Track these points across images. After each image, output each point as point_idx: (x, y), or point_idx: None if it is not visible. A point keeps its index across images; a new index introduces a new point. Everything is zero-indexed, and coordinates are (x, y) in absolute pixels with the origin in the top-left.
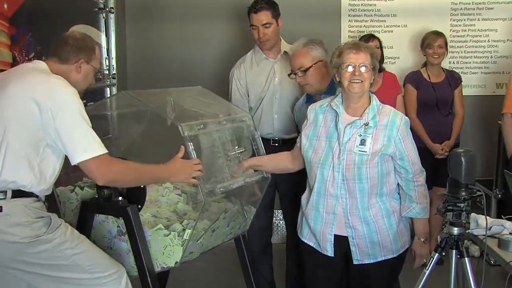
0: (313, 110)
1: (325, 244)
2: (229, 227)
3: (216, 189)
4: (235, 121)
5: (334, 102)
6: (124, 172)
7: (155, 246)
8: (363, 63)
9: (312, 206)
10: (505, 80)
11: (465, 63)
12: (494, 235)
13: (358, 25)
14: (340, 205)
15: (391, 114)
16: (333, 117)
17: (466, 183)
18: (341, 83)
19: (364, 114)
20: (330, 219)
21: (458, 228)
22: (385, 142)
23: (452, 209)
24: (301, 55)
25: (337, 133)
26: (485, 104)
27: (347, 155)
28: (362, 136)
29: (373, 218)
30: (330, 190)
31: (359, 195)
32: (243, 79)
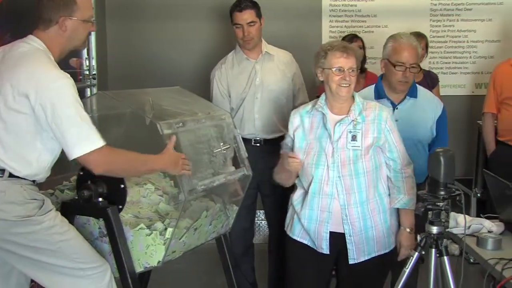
0: (297, 114)
1: (320, 242)
2: (212, 226)
3: (197, 186)
4: (214, 119)
5: (318, 104)
6: (121, 162)
7: (138, 246)
8: (352, 67)
9: (306, 205)
10: (484, 80)
11: (444, 63)
12: (473, 234)
13: (339, 26)
14: (336, 203)
15: (377, 108)
16: (320, 118)
17: (445, 182)
18: (326, 84)
19: (350, 111)
20: (325, 218)
21: (437, 227)
22: (375, 135)
23: (431, 208)
24: (415, 50)
25: (327, 133)
26: (465, 104)
27: (341, 152)
28: (352, 132)
29: (370, 213)
30: (325, 189)
31: (357, 190)
32: (224, 79)
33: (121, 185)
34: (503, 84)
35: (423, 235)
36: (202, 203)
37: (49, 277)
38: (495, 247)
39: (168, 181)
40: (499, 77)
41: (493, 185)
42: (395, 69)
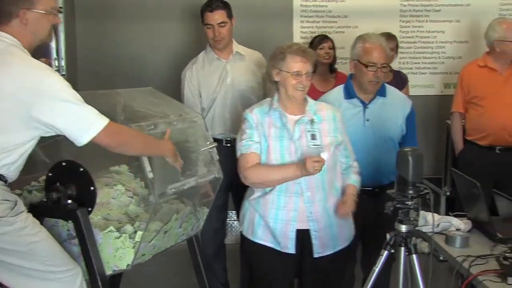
0: (254, 113)
1: (286, 242)
2: (182, 228)
3: (167, 190)
4: (186, 121)
5: (274, 103)
6: (133, 136)
7: (107, 249)
8: (309, 71)
9: (272, 205)
10: (453, 80)
11: (414, 63)
12: (442, 232)
13: (310, 26)
14: (301, 201)
15: (329, 109)
16: (278, 118)
17: (414, 181)
18: (281, 86)
19: (305, 111)
20: (292, 216)
21: (406, 226)
22: (333, 134)
23: (400, 207)
24: (384, 51)
25: (287, 133)
26: (434, 103)
27: (303, 151)
28: (311, 132)
29: (330, 209)
30: (291, 188)
31: (320, 187)
32: (195, 79)
33: (90, 187)
34: (470, 84)
35: (392, 233)
36: (173, 206)
37: (18, 280)
38: (462, 245)
39: (138, 182)
40: (466, 77)
41: (461, 183)
42: (366, 69)
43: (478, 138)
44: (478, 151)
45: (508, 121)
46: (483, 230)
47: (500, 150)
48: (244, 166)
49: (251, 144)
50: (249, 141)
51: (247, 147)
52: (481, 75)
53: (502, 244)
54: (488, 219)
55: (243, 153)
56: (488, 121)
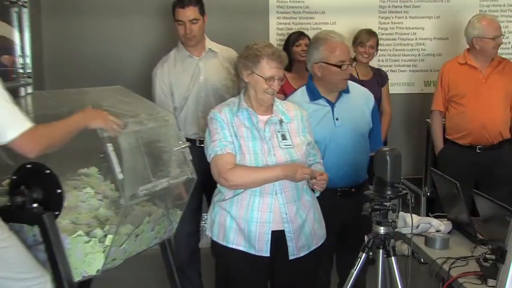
0: (223, 112)
1: (261, 245)
2: (154, 232)
3: (139, 191)
4: (158, 121)
5: (242, 103)
6: (50, 131)
7: (75, 254)
8: (281, 76)
9: (247, 207)
10: (433, 78)
11: (393, 61)
12: (421, 233)
13: (286, 22)
14: (276, 201)
15: (296, 108)
16: (246, 117)
17: (392, 181)
18: (251, 87)
19: (274, 111)
20: (267, 218)
21: (384, 228)
22: (301, 133)
23: (378, 208)
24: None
25: (257, 132)
26: (414, 102)
27: (276, 151)
28: (281, 132)
29: (304, 209)
30: (266, 188)
31: (294, 187)
32: (167, 78)
33: (57, 190)
34: (450, 82)
35: (370, 235)
36: (144, 208)
37: None
38: (442, 246)
39: (108, 184)
40: (446, 74)
41: (441, 184)
42: (339, 69)
43: (458, 137)
44: (458, 150)
45: (488, 120)
46: (464, 231)
47: (480, 150)
48: (224, 168)
49: (226, 144)
50: (223, 141)
51: (222, 148)
52: (461, 72)
53: (482, 246)
54: (468, 220)
55: (218, 155)
56: (468, 120)
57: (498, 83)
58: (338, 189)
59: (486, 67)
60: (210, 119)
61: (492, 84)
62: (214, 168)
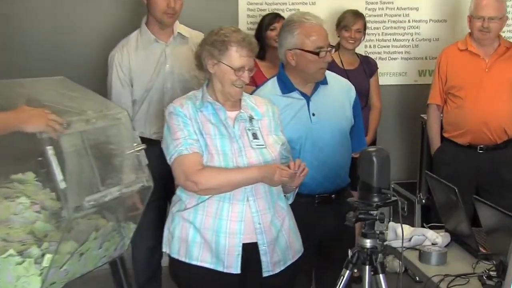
0: (186, 107)
1: (230, 260)
2: (102, 249)
3: (85, 202)
4: (108, 119)
5: (207, 96)
6: None
7: (5, 278)
8: (252, 66)
9: (214, 215)
10: (429, 67)
11: (383, 47)
12: (414, 247)
13: (258, 2)
14: (248, 209)
15: (266, 103)
16: (211, 113)
17: (379, 187)
18: (216, 79)
19: (242, 107)
20: (237, 229)
21: (371, 240)
22: (274, 132)
23: (363, 218)
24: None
25: (225, 130)
26: (407, 94)
27: (247, 152)
28: (251, 130)
29: (279, 217)
30: (236, 194)
31: (268, 193)
32: (126, 65)
33: None
34: (448, 70)
35: (355, 249)
36: (91, 221)
37: None
38: (439, 262)
39: (48, 193)
40: (444, 62)
41: (437, 189)
42: (318, 56)
43: (456, 136)
44: (457, 150)
45: (490, 115)
46: (464, 244)
47: (482, 150)
48: (192, 169)
49: (191, 142)
50: (188, 140)
51: (188, 147)
52: (461, 60)
53: (485, 261)
54: (469, 231)
55: (183, 155)
56: (467, 116)
57: (504, 72)
58: (316, 195)
59: (491, 54)
60: (170, 114)
61: (496, 74)
62: (179, 171)
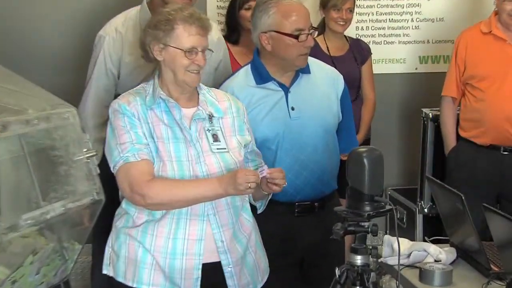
0: (133, 104)
1: (188, 285)
2: (40, 275)
3: (21, 221)
4: (53, 119)
5: (159, 91)
6: None
7: None
8: (207, 46)
9: (168, 235)
10: (432, 52)
11: (377, 29)
12: (414, 264)
13: None
14: (208, 226)
15: (230, 98)
16: (163, 111)
17: (371, 194)
18: (166, 67)
19: (200, 102)
20: (196, 249)
21: (362, 257)
22: (238, 132)
23: (353, 230)
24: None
25: (180, 131)
26: (405, 85)
27: (206, 157)
28: (211, 131)
29: (244, 232)
30: (194, 209)
31: (231, 205)
32: (118, 51)
33: None
34: (468, 57)
35: (343, 267)
36: (27, 241)
37: None
38: (443, 282)
39: None
40: (462, 47)
41: (441, 196)
42: (295, 40)
43: (475, 135)
44: (476, 151)
45: None
46: (472, 261)
47: (506, 151)
48: (140, 180)
49: (140, 148)
50: (136, 145)
51: (135, 153)
52: (484, 45)
53: (497, 281)
54: (478, 245)
55: (130, 162)
56: (489, 111)
57: None
58: (295, 203)
59: None
60: (115, 112)
61: None
62: (124, 181)
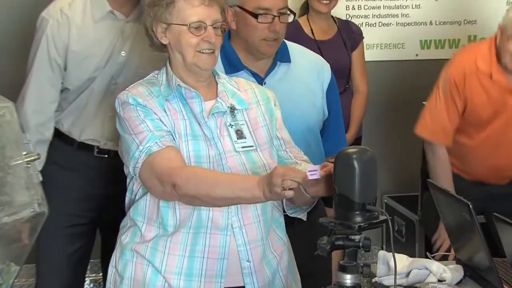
0: (144, 95)
1: None
2: None
3: None
4: None
5: (175, 79)
6: None
7: None
8: (217, 19)
9: (183, 252)
10: (435, 36)
11: (370, 8)
12: (414, 285)
13: None
14: (233, 242)
15: (254, 85)
16: (181, 102)
17: (363, 202)
18: (175, 50)
19: (219, 93)
20: (217, 270)
21: (352, 276)
22: (268, 122)
23: (342, 244)
24: None
25: (199, 127)
26: (404, 74)
27: (229, 158)
28: (234, 126)
29: (275, 252)
30: (216, 221)
31: (261, 218)
32: (64, 39)
33: None
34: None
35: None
36: None
37: None
38: None
39: None
40: (461, 83)
41: (444, 205)
42: (256, 20)
43: (460, 171)
44: (466, 185)
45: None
46: (482, 280)
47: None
48: (169, 167)
49: (162, 135)
50: (156, 132)
51: (157, 141)
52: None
53: None
54: (488, 262)
55: (154, 152)
56: (474, 159)
57: None
58: None
59: None
60: (124, 104)
61: None
62: (151, 176)
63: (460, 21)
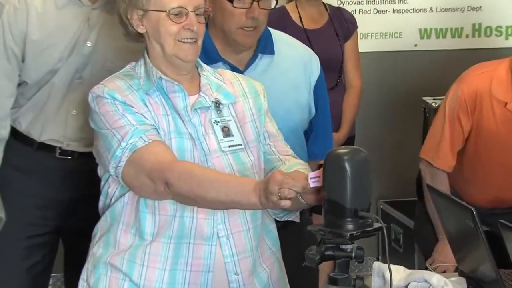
0: (122, 89)
1: None
2: None
3: None
4: None
5: (155, 71)
6: None
7: None
8: (199, 5)
9: (163, 265)
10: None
11: None
12: None
13: None
14: (219, 253)
15: (240, 77)
16: (162, 96)
17: (355, 208)
18: (152, 40)
19: (201, 87)
20: (202, 283)
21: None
22: (256, 117)
23: (332, 255)
24: None
25: (183, 124)
26: (402, 67)
27: (215, 160)
28: (220, 123)
29: (265, 263)
30: (201, 229)
31: (251, 225)
32: (22, 26)
33: None
34: (477, 124)
35: None
36: None
37: None
38: None
39: None
40: (471, 105)
41: (445, 211)
42: (232, 4)
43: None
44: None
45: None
46: None
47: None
48: (160, 162)
49: (146, 128)
50: (139, 126)
51: (142, 135)
52: (492, 112)
53: None
54: (494, 273)
55: (140, 148)
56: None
57: None
58: None
59: None
60: (98, 99)
61: None
62: (140, 174)
63: (464, 8)
